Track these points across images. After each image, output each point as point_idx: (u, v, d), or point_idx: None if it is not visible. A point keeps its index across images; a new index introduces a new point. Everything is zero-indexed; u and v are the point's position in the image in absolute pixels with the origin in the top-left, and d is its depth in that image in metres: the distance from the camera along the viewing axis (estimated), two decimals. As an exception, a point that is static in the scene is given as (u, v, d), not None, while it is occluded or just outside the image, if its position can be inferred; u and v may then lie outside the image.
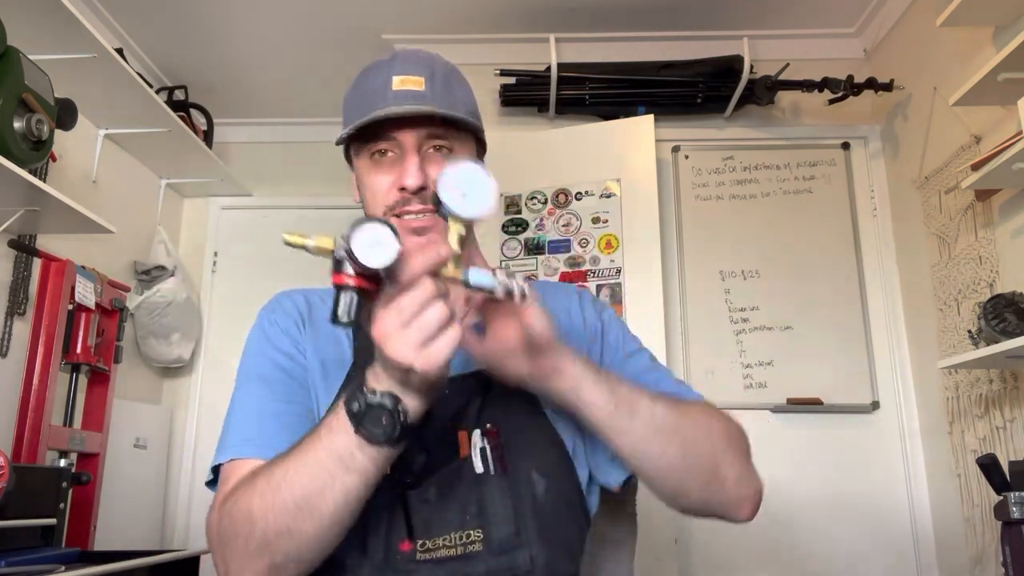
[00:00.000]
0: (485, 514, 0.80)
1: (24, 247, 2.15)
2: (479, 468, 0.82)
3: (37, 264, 2.20)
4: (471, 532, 0.79)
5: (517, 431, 0.85)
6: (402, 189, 0.85)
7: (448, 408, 0.84)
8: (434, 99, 0.86)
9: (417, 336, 0.63)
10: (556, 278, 2.54)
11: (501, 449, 0.83)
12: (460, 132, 0.89)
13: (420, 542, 0.79)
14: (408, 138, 0.86)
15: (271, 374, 0.88)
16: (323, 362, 0.90)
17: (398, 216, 0.86)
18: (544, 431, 0.87)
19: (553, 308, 0.95)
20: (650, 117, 2.59)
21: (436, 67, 0.89)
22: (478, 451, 0.83)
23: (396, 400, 0.67)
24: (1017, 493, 1.42)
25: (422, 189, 0.85)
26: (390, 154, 0.88)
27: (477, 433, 0.84)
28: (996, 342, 1.68)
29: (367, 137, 0.87)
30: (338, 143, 0.89)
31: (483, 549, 0.79)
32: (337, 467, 0.69)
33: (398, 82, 0.86)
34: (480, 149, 0.96)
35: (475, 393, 0.86)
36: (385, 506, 0.79)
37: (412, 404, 0.68)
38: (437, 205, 0.70)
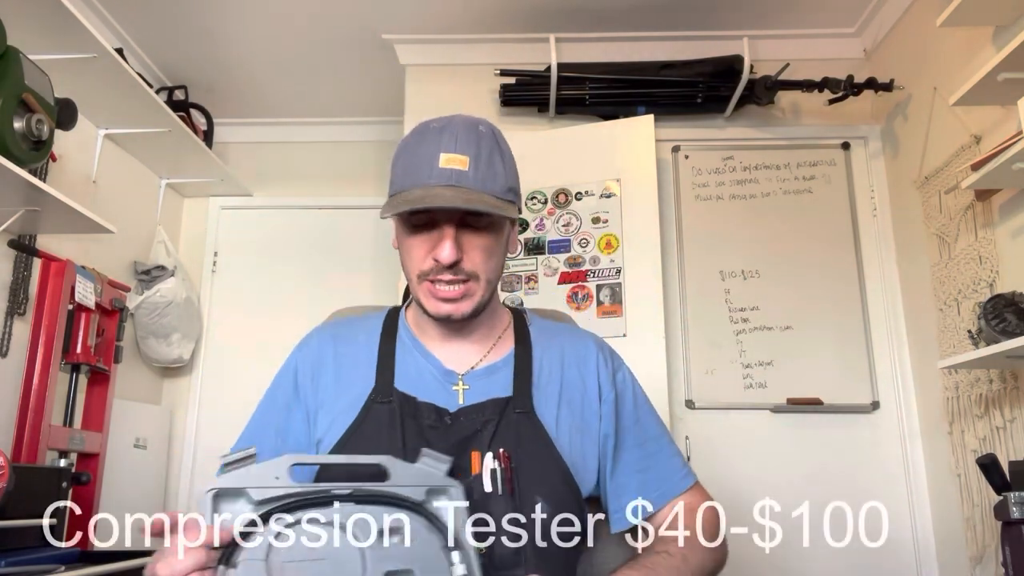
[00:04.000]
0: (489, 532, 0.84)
1: (24, 247, 2.15)
2: (488, 488, 0.86)
3: (37, 264, 2.20)
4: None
5: (528, 458, 0.90)
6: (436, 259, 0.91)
7: (464, 430, 0.90)
8: (475, 178, 0.89)
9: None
10: (556, 278, 2.54)
11: (511, 473, 0.87)
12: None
13: None
14: (444, 215, 0.91)
15: (262, 418, 1.01)
16: (338, 398, 0.97)
17: (432, 282, 0.93)
18: (554, 462, 0.92)
19: (566, 353, 1.02)
20: (650, 117, 2.59)
21: (483, 143, 0.92)
22: (489, 472, 0.87)
23: None
24: (1017, 493, 1.42)
25: (456, 262, 0.91)
26: (427, 222, 0.92)
27: (489, 455, 0.88)
28: (996, 342, 1.69)
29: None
30: (383, 216, 0.93)
31: (485, 565, 0.82)
32: None
33: (444, 160, 0.89)
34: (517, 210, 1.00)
35: (489, 419, 0.92)
36: None
37: None
38: None
